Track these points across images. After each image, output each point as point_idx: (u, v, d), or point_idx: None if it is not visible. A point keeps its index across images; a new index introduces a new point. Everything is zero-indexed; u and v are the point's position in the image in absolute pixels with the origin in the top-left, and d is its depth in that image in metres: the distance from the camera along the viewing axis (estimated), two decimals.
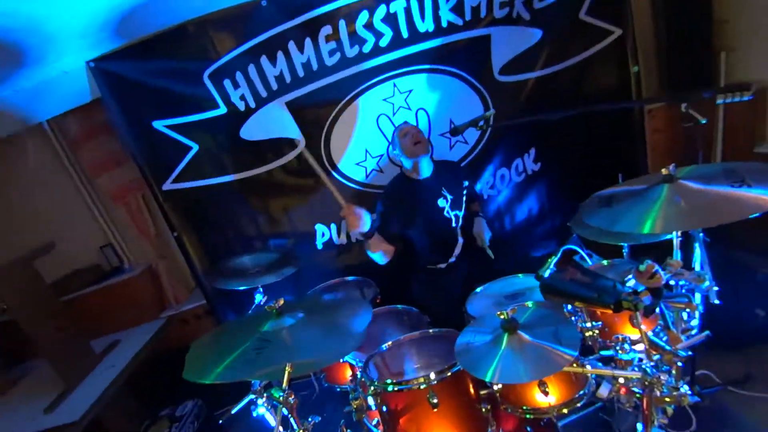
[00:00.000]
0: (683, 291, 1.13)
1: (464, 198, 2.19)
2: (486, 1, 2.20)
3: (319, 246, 2.59)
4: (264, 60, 2.20)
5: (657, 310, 1.11)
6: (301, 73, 2.24)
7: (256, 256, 2.32)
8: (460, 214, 2.16)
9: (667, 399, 1.14)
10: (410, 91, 2.35)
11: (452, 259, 2.18)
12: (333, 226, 2.56)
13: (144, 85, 2.19)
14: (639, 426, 1.14)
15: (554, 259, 1.63)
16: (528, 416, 1.21)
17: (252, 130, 2.34)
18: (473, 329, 1.19)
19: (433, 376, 1.21)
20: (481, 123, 1.81)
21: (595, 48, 2.38)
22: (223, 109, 2.28)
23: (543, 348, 1.03)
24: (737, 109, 2.23)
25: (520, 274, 1.86)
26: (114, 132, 2.46)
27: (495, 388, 1.25)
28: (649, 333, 1.23)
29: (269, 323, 1.25)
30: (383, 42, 2.22)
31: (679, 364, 1.10)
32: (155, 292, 2.81)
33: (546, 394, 1.15)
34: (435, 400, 1.15)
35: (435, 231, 2.16)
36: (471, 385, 1.24)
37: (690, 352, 1.04)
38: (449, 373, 1.20)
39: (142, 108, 2.26)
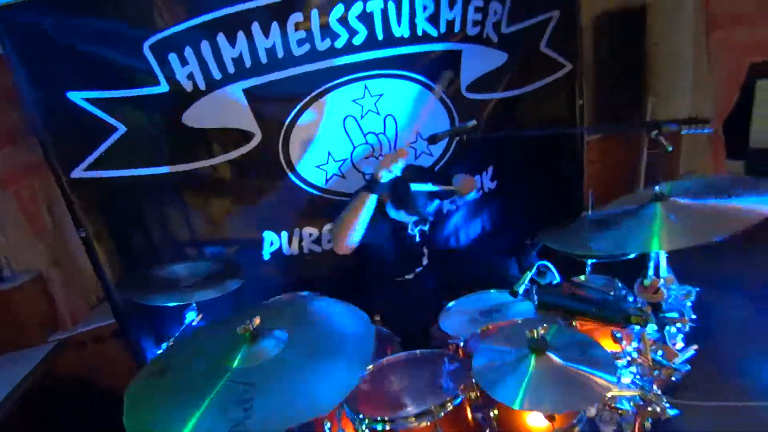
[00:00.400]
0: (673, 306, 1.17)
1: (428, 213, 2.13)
2: (460, 17, 2.23)
3: (266, 256, 2.29)
4: (221, 38, 1.92)
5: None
6: (263, 58, 2.00)
7: (191, 265, 1.96)
8: (426, 228, 2.10)
9: (651, 413, 1.15)
10: (381, 95, 2.25)
11: (419, 269, 2.09)
12: (284, 234, 2.29)
13: (64, 46, 1.75)
14: None
15: (529, 275, 1.63)
16: None
17: (198, 116, 2.01)
18: (489, 347, 1.08)
19: (434, 409, 1.05)
20: (461, 133, 1.80)
21: (551, 78, 2.55)
22: (164, 87, 1.92)
23: (577, 373, 0.94)
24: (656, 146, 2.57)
25: (492, 290, 1.83)
26: (15, 99, 1.91)
27: (491, 414, 1.14)
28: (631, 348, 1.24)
29: (241, 353, 0.91)
30: (357, 40, 2.10)
31: (673, 378, 1.12)
32: (44, 308, 2.21)
33: (553, 420, 1.08)
34: None
35: (400, 245, 2.07)
36: (470, 414, 1.12)
37: (688, 366, 1.06)
38: (451, 406, 1.07)
39: (58, 73, 1.79)
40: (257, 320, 0.95)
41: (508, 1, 2.31)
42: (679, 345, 1.17)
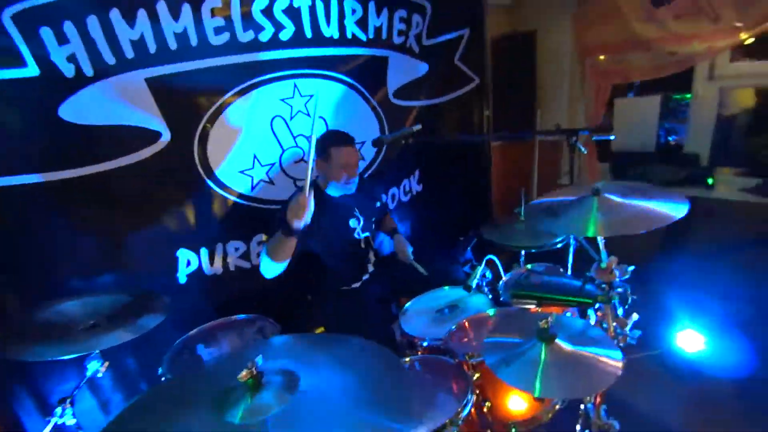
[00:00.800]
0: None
1: (374, 218, 2.09)
2: (387, 24, 2.25)
3: (182, 279, 1.93)
4: (115, 14, 1.56)
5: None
6: (172, 44, 1.69)
7: (87, 300, 1.51)
8: (369, 235, 2.05)
9: None
10: (311, 96, 2.11)
11: (366, 276, 2.01)
12: (204, 252, 1.96)
13: None
14: None
15: (480, 269, 1.72)
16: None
17: (82, 110, 1.58)
18: (493, 341, 1.07)
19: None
20: (407, 137, 1.80)
21: (464, 90, 2.77)
22: (33, 71, 1.46)
23: (587, 356, 0.98)
24: (546, 150, 3.03)
25: (445, 287, 1.86)
26: None
27: (485, 408, 1.15)
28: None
29: (241, 410, 0.68)
30: (284, 35, 1.94)
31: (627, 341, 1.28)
32: None
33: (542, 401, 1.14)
34: None
35: (346, 251, 1.96)
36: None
37: (639, 332, 1.24)
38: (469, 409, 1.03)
39: None
40: (253, 370, 0.71)
41: (428, 16, 2.43)
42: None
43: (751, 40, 2.20)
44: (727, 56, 2.49)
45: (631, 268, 1.30)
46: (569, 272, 1.77)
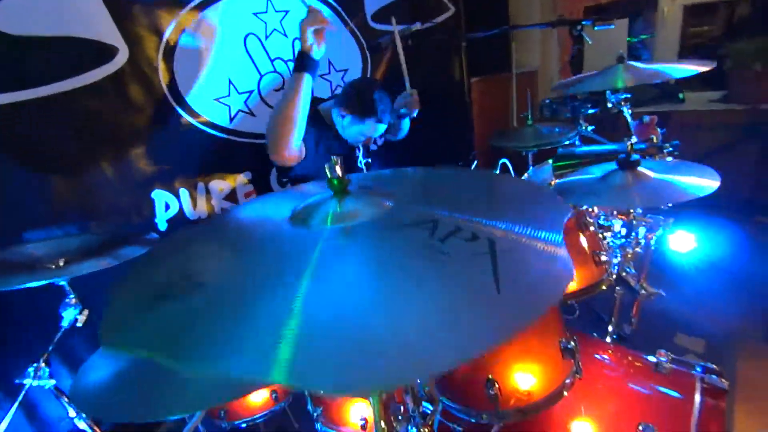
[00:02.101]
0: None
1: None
2: None
3: (162, 225, 1.68)
4: None
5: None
6: None
7: (52, 242, 1.24)
8: (369, 162, 1.90)
9: None
10: (286, 12, 1.89)
11: None
12: (184, 193, 1.72)
13: None
14: None
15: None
16: None
17: (22, 17, 1.28)
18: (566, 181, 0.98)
19: None
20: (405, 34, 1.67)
21: (440, 18, 2.64)
22: None
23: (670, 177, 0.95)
24: (522, 81, 3.02)
25: None
26: None
27: None
28: None
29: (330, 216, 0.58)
30: None
31: None
32: None
33: None
34: None
35: None
36: None
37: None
38: None
39: None
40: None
41: None
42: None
43: None
44: None
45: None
46: None
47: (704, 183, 0.97)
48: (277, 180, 1.99)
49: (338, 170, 0.61)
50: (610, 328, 1.61)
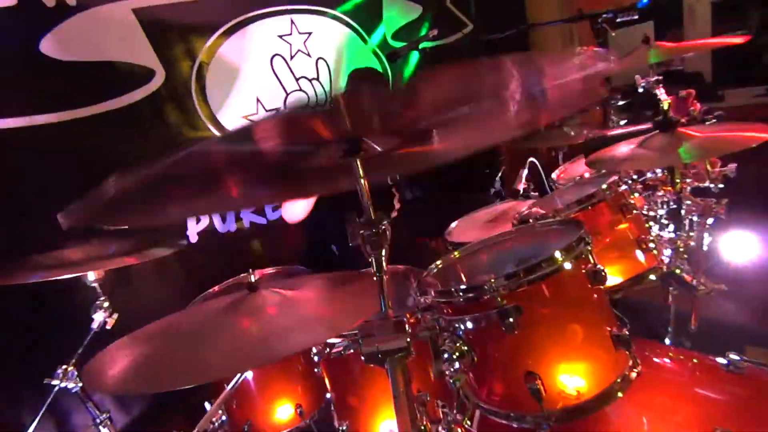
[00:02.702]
0: None
1: None
2: None
3: (193, 238, 1.71)
4: None
5: None
6: None
7: (88, 246, 1.29)
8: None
9: None
10: (310, 33, 1.99)
11: (394, 214, 1.84)
12: None
13: None
14: None
15: (524, 173, 1.59)
16: None
17: (66, 43, 1.41)
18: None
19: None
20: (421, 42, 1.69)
21: (457, 35, 2.70)
22: None
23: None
24: None
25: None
26: None
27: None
28: None
29: None
30: None
31: None
32: None
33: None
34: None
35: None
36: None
37: None
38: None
39: None
40: None
41: None
42: None
43: None
44: None
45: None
46: None
47: (753, 134, 0.88)
48: None
49: None
50: (667, 341, 1.44)
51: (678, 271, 1.34)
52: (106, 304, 1.19)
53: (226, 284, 1.49)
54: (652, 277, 1.11)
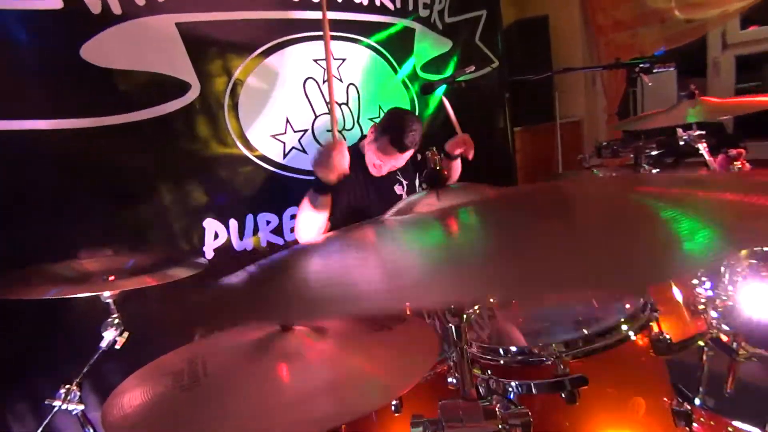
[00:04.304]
0: None
1: (417, 180, 1.90)
2: None
3: (209, 253, 1.67)
4: None
5: None
6: None
7: (106, 258, 1.24)
8: None
9: None
10: (343, 60, 2.01)
11: None
12: (233, 224, 1.72)
13: None
14: None
15: None
16: None
17: (107, 51, 1.41)
18: None
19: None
20: (459, 78, 1.70)
21: (484, 71, 2.73)
22: (56, 2, 1.30)
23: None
24: (567, 131, 3.00)
25: None
26: None
27: None
28: None
29: None
30: None
31: None
32: None
33: None
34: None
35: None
36: None
37: None
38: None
39: None
40: None
41: None
42: None
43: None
44: (737, 24, 2.56)
45: None
46: None
47: None
48: None
49: None
50: (697, 401, 1.36)
51: (722, 335, 1.27)
52: (117, 321, 1.13)
53: None
54: (701, 343, 1.04)
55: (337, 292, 0.39)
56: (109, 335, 1.13)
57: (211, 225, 1.66)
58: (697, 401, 1.35)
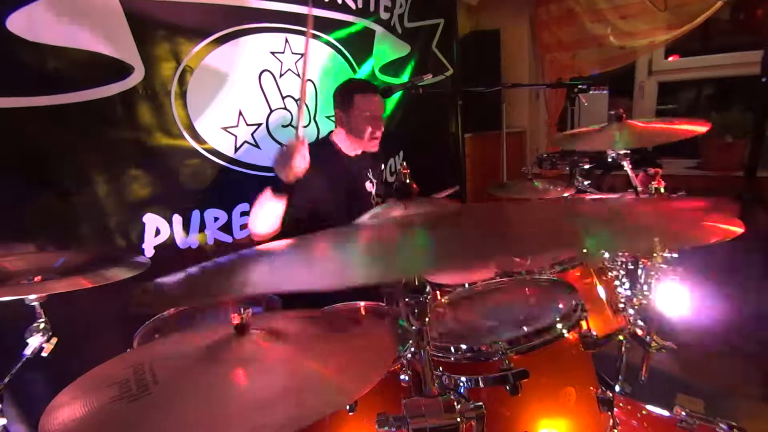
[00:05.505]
0: None
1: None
2: None
3: (148, 251, 1.56)
4: None
5: None
6: None
7: (34, 256, 1.13)
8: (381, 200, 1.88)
9: None
10: (301, 55, 1.97)
11: None
12: (177, 219, 1.63)
13: None
14: None
15: None
16: None
17: (39, 24, 1.27)
18: None
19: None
20: (417, 84, 1.74)
21: (440, 77, 2.82)
22: None
23: None
24: (512, 139, 3.20)
25: None
26: None
27: None
28: None
29: None
30: None
31: None
32: None
33: None
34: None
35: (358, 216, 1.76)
36: None
37: None
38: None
39: None
40: None
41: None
42: None
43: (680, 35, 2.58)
44: (662, 53, 2.88)
45: None
46: None
47: None
48: None
49: None
50: (617, 388, 1.53)
51: (637, 330, 1.44)
52: (44, 326, 1.03)
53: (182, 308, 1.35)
54: (621, 338, 1.17)
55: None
56: (34, 341, 1.02)
57: (152, 220, 1.56)
58: (617, 388, 1.52)
